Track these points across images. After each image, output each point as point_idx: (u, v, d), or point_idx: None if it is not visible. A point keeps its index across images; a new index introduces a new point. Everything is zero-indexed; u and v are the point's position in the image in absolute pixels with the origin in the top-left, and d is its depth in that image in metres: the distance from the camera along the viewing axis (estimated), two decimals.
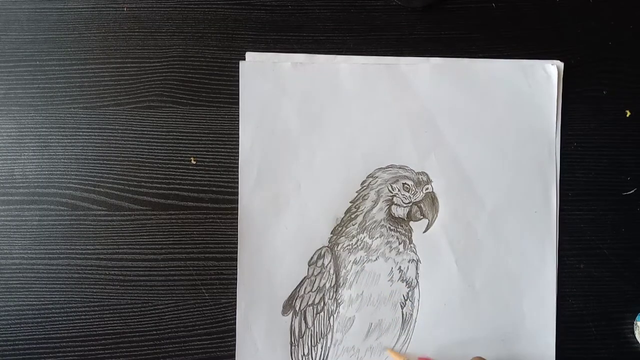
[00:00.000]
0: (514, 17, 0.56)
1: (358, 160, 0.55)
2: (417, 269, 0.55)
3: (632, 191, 0.56)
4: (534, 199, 0.55)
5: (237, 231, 0.55)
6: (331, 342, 0.54)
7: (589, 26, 0.56)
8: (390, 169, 0.55)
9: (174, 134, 0.56)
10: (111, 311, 0.55)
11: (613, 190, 0.56)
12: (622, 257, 0.55)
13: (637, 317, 0.54)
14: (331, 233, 0.55)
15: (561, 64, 0.56)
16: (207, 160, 0.55)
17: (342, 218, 0.55)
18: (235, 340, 0.54)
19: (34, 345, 0.54)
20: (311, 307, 0.55)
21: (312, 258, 0.55)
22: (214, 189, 0.55)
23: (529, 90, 0.56)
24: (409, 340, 0.54)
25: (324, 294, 0.55)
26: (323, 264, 0.55)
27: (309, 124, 0.55)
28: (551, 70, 0.56)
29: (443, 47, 0.56)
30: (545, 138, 0.55)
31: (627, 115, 0.56)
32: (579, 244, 0.55)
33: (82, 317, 0.55)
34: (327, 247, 0.55)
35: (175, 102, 0.56)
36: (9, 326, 0.55)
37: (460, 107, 0.55)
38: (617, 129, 0.56)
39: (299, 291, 0.55)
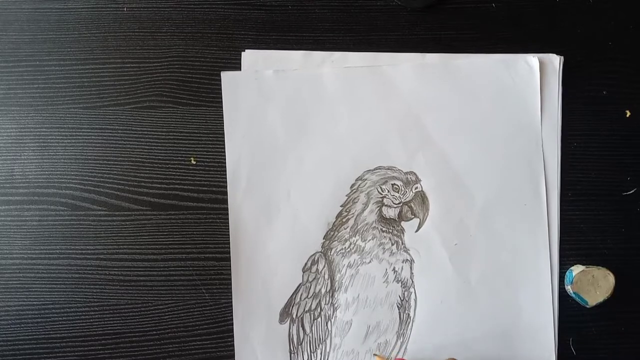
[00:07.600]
0: (513, 18, 0.56)
1: (346, 163, 0.55)
2: (411, 268, 0.55)
3: (632, 191, 0.56)
4: (523, 192, 0.55)
5: None
6: (330, 347, 0.54)
7: (589, 26, 0.56)
8: (378, 170, 0.55)
9: (174, 134, 0.56)
10: (111, 311, 0.55)
11: (613, 190, 0.56)
12: (622, 257, 0.55)
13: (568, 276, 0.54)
14: (324, 238, 0.55)
15: (557, 58, 0.56)
16: (207, 160, 0.55)
17: (334, 222, 0.55)
18: (234, 340, 0.54)
19: (34, 345, 0.54)
20: (308, 314, 0.54)
21: (306, 264, 0.55)
22: (214, 189, 0.55)
23: (513, 84, 0.55)
24: (407, 340, 0.54)
25: (320, 300, 0.54)
26: (317, 269, 0.54)
27: (295, 130, 0.55)
28: (533, 62, 0.55)
29: (443, 47, 0.56)
30: (532, 131, 0.55)
31: (627, 115, 0.56)
32: (579, 244, 0.55)
33: (82, 317, 0.55)
34: (321, 252, 0.55)
35: (175, 102, 0.56)
36: (9, 326, 0.55)
37: (444, 104, 0.55)
38: (617, 129, 0.56)
39: (294, 298, 0.54)
